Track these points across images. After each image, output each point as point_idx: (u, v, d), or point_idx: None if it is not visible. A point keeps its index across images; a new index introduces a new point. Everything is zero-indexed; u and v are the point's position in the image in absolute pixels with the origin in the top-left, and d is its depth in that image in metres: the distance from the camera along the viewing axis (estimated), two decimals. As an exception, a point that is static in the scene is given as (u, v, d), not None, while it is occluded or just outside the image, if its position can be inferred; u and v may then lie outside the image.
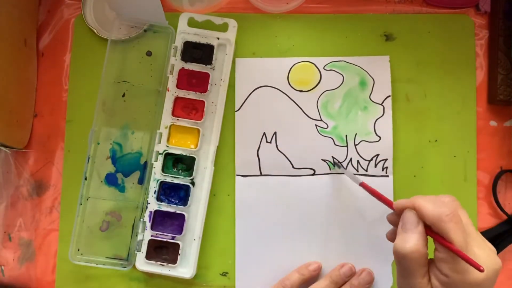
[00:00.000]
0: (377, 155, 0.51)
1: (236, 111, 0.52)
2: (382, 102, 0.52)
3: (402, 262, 0.37)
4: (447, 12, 0.54)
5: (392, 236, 0.42)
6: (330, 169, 0.52)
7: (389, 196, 0.51)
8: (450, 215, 0.36)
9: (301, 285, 0.50)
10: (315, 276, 0.51)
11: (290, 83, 0.52)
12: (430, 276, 0.37)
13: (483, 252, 0.37)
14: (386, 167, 0.51)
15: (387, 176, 0.51)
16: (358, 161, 0.51)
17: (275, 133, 0.52)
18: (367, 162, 0.51)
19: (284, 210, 0.52)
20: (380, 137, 0.52)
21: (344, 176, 0.51)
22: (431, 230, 0.38)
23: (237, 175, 0.52)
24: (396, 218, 0.41)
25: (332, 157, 0.52)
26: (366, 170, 0.51)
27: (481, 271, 0.34)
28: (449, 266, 0.36)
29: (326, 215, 0.51)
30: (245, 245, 0.51)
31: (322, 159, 0.52)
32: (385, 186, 0.51)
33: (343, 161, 0.51)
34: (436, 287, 0.37)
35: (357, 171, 0.51)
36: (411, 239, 0.37)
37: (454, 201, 0.38)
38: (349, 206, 0.51)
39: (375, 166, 0.51)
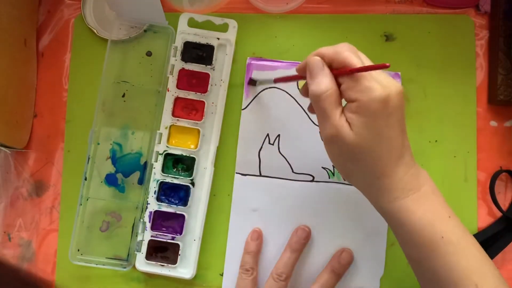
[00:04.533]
0: None
1: (242, 109, 0.52)
2: None
3: (319, 104, 0.39)
4: (447, 12, 0.54)
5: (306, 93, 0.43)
6: (329, 178, 0.52)
7: None
8: (345, 46, 0.39)
9: (294, 265, 0.50)
10: (305, 244, 0.51)
11: (299, 88, 0.52)
12: (346, 115, 0.38)
13: (382, 76, 0.38)
14: None
15: None
16: None
17: (278, 135, 0.52)
18: None
19: (280, 213, 0.52)
20: None
21: (343, 186, 0.51)
22: (334, 70, 0.39)
23: (236, 173, 0.52)
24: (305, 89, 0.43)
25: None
26: None
27: (387, 67, 0.35)
28: (355, 89, 0.37)
29: (321, 222, 0.51)
30: (236, 243, 0.52)
31: (322, 167, 0.52)
32: None
33: None
34: (351, 118, 0.38)
35: None
36: (322, 80, 0.38)
37: (348, 43, 0.40)
38: (346, 216, 0.51)
39: None
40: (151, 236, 0.51)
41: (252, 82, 0.52)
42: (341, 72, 0.38)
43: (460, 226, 0.40)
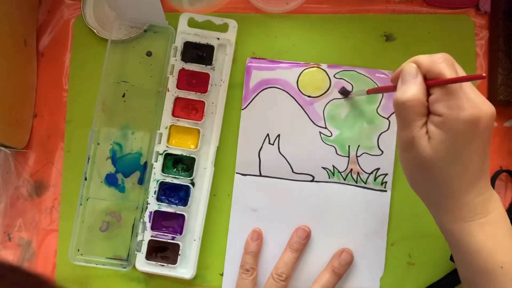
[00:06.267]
0: (378, 169, 0.51)
1: (242, 109, 0.52)
2: (389, 117, 0.51)
3: (401, 112, 0.37)
4: (447, 12, 0.54)
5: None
6: (329, 178, 0.52)
7: (386, 211, 0.51)
8: (443, 57, 0.37)
9: (294, 265, 0.50)
10: (305, 244, 0.51)
11: (299, 87, 0.52)
12: (427, 127, 0.37)
13: (476, 95, 0.36)
14: (386, 182, 0.51)
15: (386, 191, 0.51)
16: (358, 173, 0.51)
17: (278, 135, 0.52)
18: (367, 175, 0.51)
19: (280, 213, 0.52)
20: (382, 151, 0.51)
21: (343, 186, 0.51)
22: (427, 80, 0.37)
23: (236, 173, 0.52)
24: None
25: (343, 87, 0.51)
26: (365, 183, 0.51)
27: (483, 77, 0.33)
28: (444, 103, 0.35)
29: (321, 222, 0.51)
30: (236, 243, 0.52)
31: (322, 167, 0.52)
32: (382, 201, 0.51)
33: (343, 171, 0.51)
34: (432, 131, 0.36)
35: (356, 182, 0.51)
36: (410, 88, 0.36)
37: (447, 54, 0.38)
38: (346, 216, 0.51)
39: (375, 179, 0.51)
40: (151, 236, 0.51)
41: (345, 93, 0.51)
42: (432, 82, 0.36)
43: None
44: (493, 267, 0.38)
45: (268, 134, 0.52)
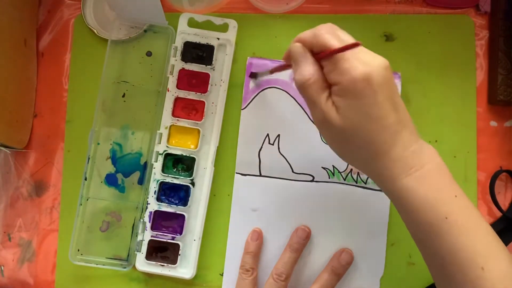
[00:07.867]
0: None
1: (242, 109, 0.52)
2: None
3: (304, 92, 0.38)
4: (447, 12, 0.54)
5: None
6: (329, 178, 0.52)
7: (386, 212, 0.51)
8: (325, 28, 0.38)
9: (294, 265, 0.50)
10: (305, 244, 0.51)
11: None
12: (332, 98, 0.38)
13: (365, 53, 0.37)
14: None
15: None
16: (358, 173, 0.51)
17: (278, 135, 0.52)
18: None
19: (280, 213, 0.52)
20: None
21: (343, 186, 0.51)
22: (315, 54, 0.38)
23: (236, 173, 0.52)
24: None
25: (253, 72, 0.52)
26: (366, 183, 0.51)
27: (358, 45, 0.34)
28: (336, 71, 0.36)
29: (321, 222, 0.51)
30: (236, 243, 0.52)
31: (322, 167, 0.52)
32: (382, 201, 0.51)
33: (343, 171, 0.51)
34: (336, 101, 0.37)
35: (356, 182, 0.51)
36: (304, 68, 0.38)
37: (329, 23, 0.39)
38: (346, 216, 0.51)
39: None
40: (151, 236, 0.51)
41: (253, 75, 0.52)
42: (319, 56, 0.37)
43: (468, 206, 0.38)
44: (438, 219, 0.37)
45: (268, 134, 0.52)
